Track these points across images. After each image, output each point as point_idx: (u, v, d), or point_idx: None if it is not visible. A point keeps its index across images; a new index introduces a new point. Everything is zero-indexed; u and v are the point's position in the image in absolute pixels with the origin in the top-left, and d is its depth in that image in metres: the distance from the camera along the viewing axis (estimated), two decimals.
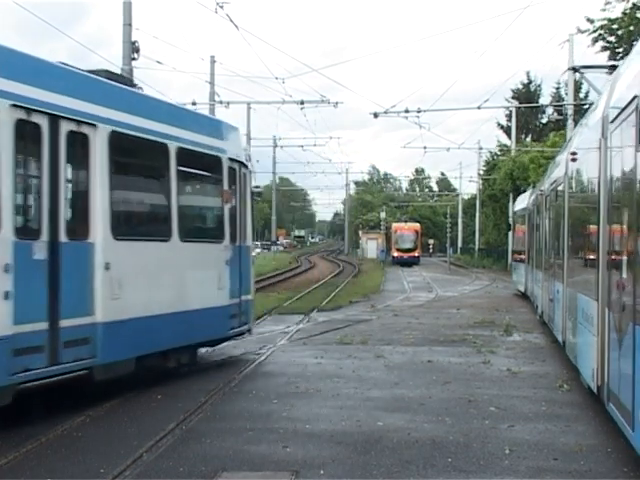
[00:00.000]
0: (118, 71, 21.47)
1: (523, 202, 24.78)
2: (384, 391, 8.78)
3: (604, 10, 19.89)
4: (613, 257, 6.51)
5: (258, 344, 12.65)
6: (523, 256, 21.86)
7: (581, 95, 46.41)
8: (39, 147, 7.22)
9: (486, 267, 45.79)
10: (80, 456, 6.19)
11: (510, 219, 29.06)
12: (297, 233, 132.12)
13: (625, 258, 5.88)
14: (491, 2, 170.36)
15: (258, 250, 65.77)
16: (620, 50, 20.42)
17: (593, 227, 7.61)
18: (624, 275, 5.89)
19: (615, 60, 20.63)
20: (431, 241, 68.17)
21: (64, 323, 7.31)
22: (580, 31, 21.31)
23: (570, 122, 27.32)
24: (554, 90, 52.25)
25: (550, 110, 48.77)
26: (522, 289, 22.73)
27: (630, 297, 5.55)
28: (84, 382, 7.83)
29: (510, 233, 29.86)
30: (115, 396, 8.43)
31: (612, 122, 6.36)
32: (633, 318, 5.47)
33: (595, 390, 7.53)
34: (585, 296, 8.17)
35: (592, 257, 7.60)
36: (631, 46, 19.81)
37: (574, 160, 9.50)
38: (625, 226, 5.93)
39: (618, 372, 6.10)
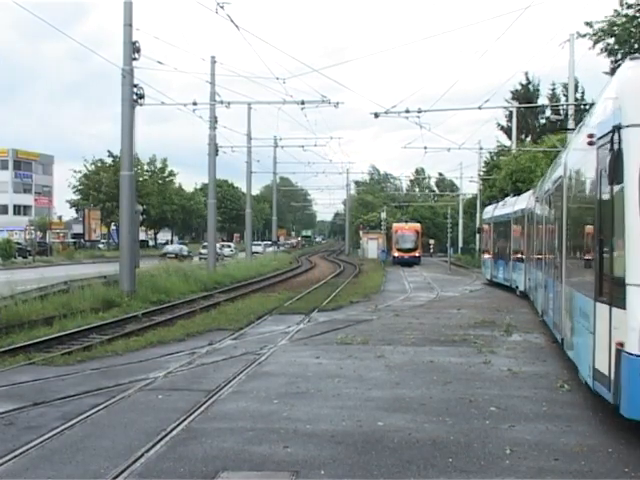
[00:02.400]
0: (119, 71, 21.58)
1: (489, 213, 31.89)
2: (385, 391, 8.77)
3: (617, 15, 19.86)
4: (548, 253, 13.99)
5: (259, 344, 12.65)
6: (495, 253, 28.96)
7: (577, 95, 46.44)
8: None
9: None
10: (80, 456, 6.19)
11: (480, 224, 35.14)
12: (304, 233, 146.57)
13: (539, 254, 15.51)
14: (492, 2, 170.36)
15: (270, 249, 66.94)
16: (619, 53, 20.40)
17: (545, 238, 15.03)
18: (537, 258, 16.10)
19: (615, 62, 20.63)
20: (432, 241, 68.06)
21: None
22: (580, 35, 21.32)
23: (571, 122, 27.36)
24: (550, 91, 52.34)
25: (548, 111, 48.84)
26: (488, 277, 30.39)
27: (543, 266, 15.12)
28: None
29: (481, 235, 35.42)
30: (115, 395, 8.45)
31: (536, 198, 16.75)
32: (545, 275, 14.12)
33: (540, 311, 15.40)
34: (538, 270, 16.26)
35: (539, 254, 15.99)
36: (630, 49, 19.84)
37: (537, 201, 17.11)
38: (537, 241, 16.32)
39: (549, 303, 13.10)
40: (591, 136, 7.84)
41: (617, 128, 6.78)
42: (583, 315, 8.29)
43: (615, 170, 6.74)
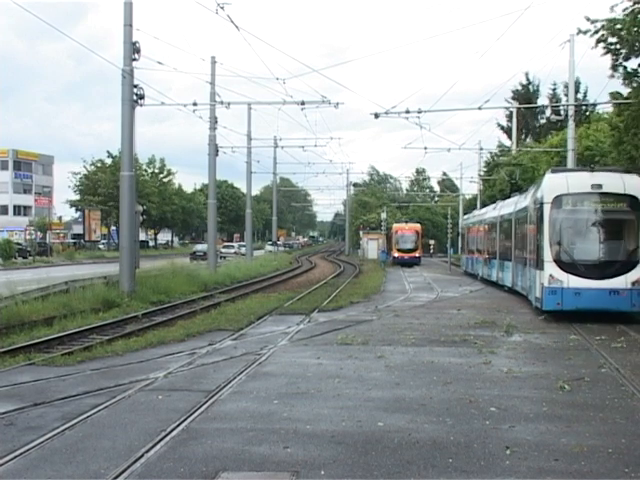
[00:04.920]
0: (119, 72, 21.59)
1: (465, 221, 42.38)
2: (385, 391, 8.77)
3: (612, 10, 19.73)
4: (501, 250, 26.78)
5: (259, 344, 12.65)
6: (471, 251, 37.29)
7: (580, 94, 46.40)
8: None
9: None
10: (80, 456, 6.19)
11: (460, 228, 45.04)
12: (311, 234, 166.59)
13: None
14: (492, 3, 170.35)
15: (281, 248, 68.10)
16: (622, 52, 20.28)
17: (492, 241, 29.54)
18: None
19: (616, 62, 20.57)
20: (432, 242, 68.05)
21: None
22: (581, 32, 21.11)
23: (571, 122, 27.38)
24: (550, 91, 52.31)
25: (548, 111, 48.82)
26: (464, 269, 39.59)
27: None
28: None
29: (461, 237, 44.70)
30: (115, 396, 8.45)
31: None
32: (519, 264, 22.03)
33: (496, 280, 27.53)
34: (494, 259, 28.40)
35: (494, 251, 28.69)
36: (633, 47, 19.79)
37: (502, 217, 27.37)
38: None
39: (519, 277, 22.06)
40: (534, 201, 18.26)
41: (541, 202, 16.94)
42: (533, 277, 18.18)
43: (541, 217, 16.92)
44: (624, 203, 16.45)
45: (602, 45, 19.93)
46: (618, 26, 19.25)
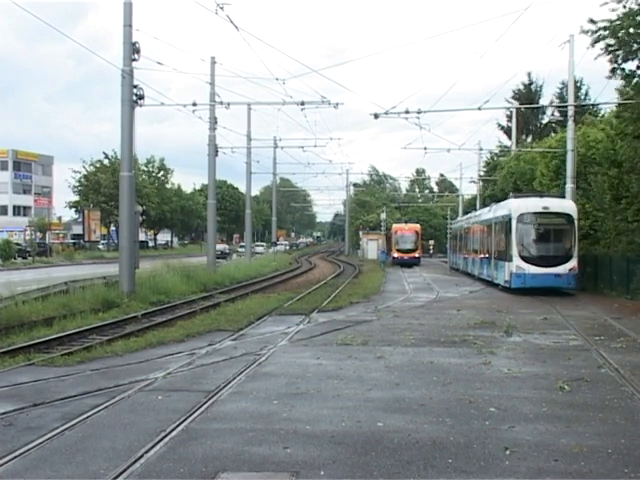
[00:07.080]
0: (118, 72, 21.59)
1: (453, 225, 47.17)
2: (385, 392, 8.77)
3: (604, 4, 19.77)
4: (476, 250, 34.75)
5: (258, 345, 12.66)
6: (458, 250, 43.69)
7: (582, 92, 46.39)
8: None
9: None
10: (80, 457, 6.19)
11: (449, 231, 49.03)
12: (315, 234, 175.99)
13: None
14: (492, 3, 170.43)
15: (286, 248, 69.06)
16: (621, 54, 20.32)
17: (469, 243, 37.99)
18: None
19: (616, 63, 20.59)
20: (431, 242, 68.05)
21: None
22: (583, 31, 21.13)
23: (570, 122, 27.38)
24: (558, 91, 52.23)
25: (550, 111, 48.82)
26: (450, 265, 44.87)
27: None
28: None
29: (450, 239, 48.92)
30: (115, 396, 8.45)
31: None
32: (492, 259, 29.48)
33: (470, 272, 36.21)
34: (468, 255, 37.85)
35: (471, 251, 36.66)
36: (631, 49, 19.81)
37: (474, 222, 36.51)
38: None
39: (487, 269, 30.61)
40: (504, 216, 26.51)
41: (510, 218, 25.34)
42: (502, 266, 26.38)
43: (510, 227, 25.25)
44: (563, 218, 24.88)
45: (600, 45, 19.99)
46: (617, 28, 19.32)
